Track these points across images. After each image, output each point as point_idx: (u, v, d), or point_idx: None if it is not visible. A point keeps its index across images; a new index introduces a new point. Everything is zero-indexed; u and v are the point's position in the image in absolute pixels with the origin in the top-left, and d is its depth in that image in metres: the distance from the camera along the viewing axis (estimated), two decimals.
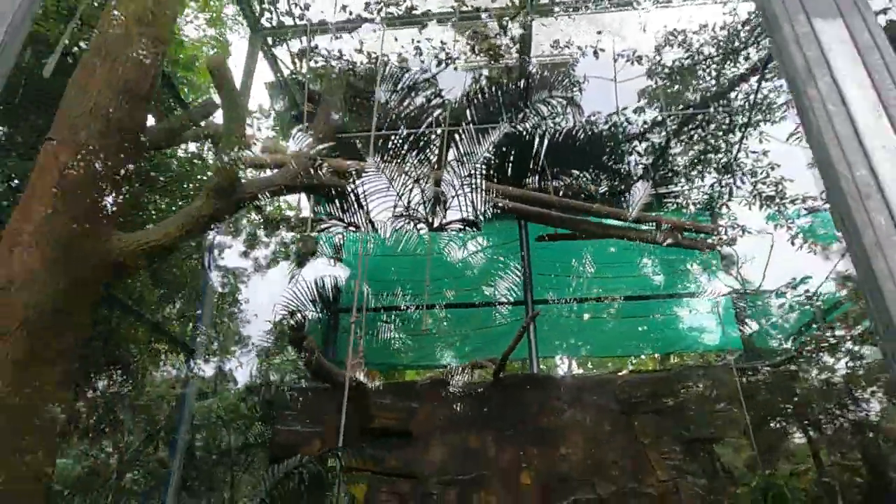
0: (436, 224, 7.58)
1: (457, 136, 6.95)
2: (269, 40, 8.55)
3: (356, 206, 7.16)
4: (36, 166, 4.06)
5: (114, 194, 4.21)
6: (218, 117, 6.06)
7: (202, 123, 6.37)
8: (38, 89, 5.74)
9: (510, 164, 7.26)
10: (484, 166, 6.93)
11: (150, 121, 5.96)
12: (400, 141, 7.76)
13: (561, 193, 6.90)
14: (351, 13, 7.87)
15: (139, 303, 6.81)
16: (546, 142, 7.09)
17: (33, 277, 3.65)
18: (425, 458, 7.57)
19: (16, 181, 6.19)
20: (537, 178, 7.28)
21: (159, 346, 7.17)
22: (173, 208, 7.10)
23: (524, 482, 7.29)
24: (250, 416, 8.35)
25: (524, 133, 7.15)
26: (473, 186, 6.73)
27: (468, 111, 7.23)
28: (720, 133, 8.48)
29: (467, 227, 7.15)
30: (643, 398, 7.60)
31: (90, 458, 7.71)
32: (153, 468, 6.68)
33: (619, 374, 8.37)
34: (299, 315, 5.92)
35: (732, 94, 8.31)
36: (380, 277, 9.55)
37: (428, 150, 7.44)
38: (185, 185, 7.51)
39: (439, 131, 7.23)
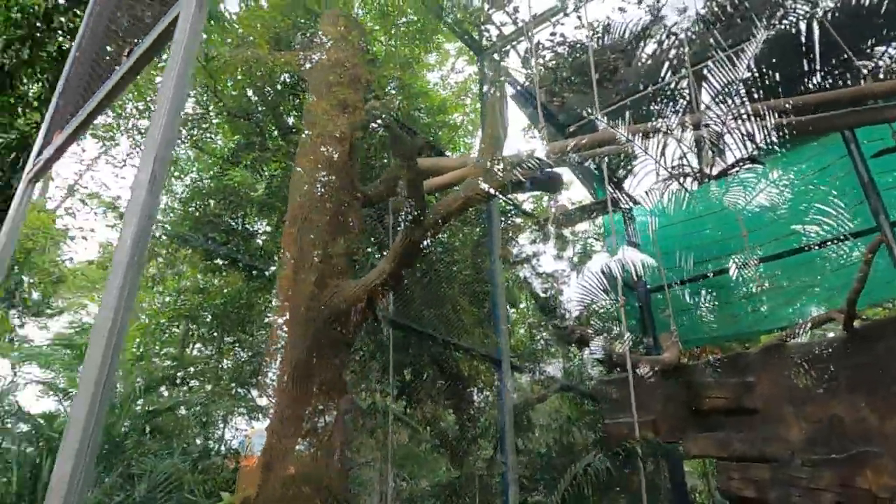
0: (714, 172, 6.65)
1: (705, 71, 6.02)
2: (496, 56, 8.92)
3: (613, 181, 6.78)
4: (281, 248, 5.17)
5: (340, 250, 5.05)
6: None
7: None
8: None
9: (777, 77, 5.92)
10: (744, 89, 5.81)
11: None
12: (648, 99, 7.12)
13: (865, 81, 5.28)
14: None
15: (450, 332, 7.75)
16: (820, 26, 5.57)
17: (293, 338, 4.69)
18: (780, 436, 6.51)
19: None
20: (818, 77, 5.75)
21: (475, 363, 7.95)
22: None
23: None
24: (578, 414, 8.52)
25: (789, 28, 5.77)
26: (742, 116, 5.70)
27: (710, 39, 6.20)
28: None
29: (750, 165, 6.06)
30: None
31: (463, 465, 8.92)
32: (496, 471, 7.35)
33: None
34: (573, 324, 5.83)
35: None
36: (675, 248, 8.81)
37: (678, 98, 6.62)
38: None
39: (683, 72, 6.37)
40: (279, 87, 9.90)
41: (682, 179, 6.36)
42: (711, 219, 7.86)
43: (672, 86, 6.61)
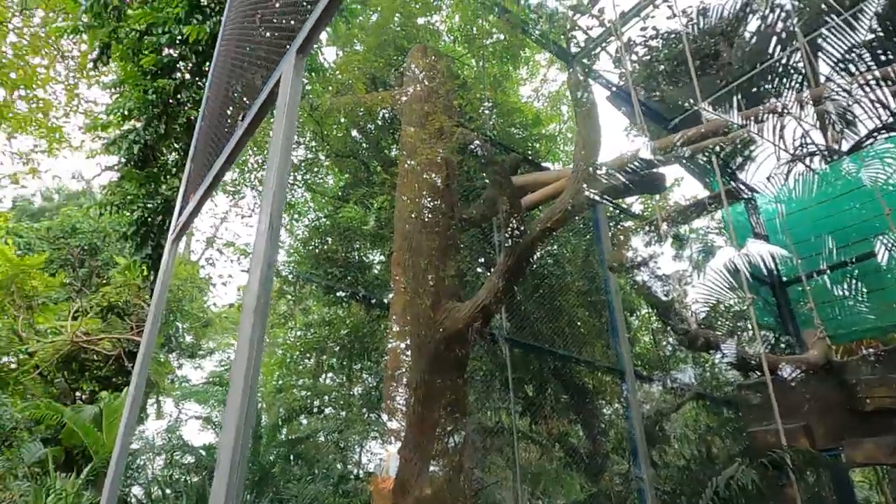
0: (845, 148, 6.04)
1: (819, 40, 5.51)
2: (586, 60, 8.76)
3: (728, 171, 6.36)
4: (393, 275, 5.35)
5: (450, 271, 5.16)
6: None
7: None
8: None
9: None
10: (868, 53, 5.22)
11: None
12: (758, 80, 6.64)
13: None
14: None
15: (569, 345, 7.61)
16: None
17: (413, 361, 4.85)
18: None
19: None
20: None
21: (598, 375, 7.72)
22: None
23: None
24: (717, 423, 7.95)
25: None
26: (870, 82, 5.15)
27: (822, 4, 5.67)
28: None
29: (887, 134, 5.42)
30: None
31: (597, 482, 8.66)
32: (633, 486, 7.02)
33: None
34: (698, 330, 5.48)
35: None
36: (810, 234, 8.02)
37: (792, 73, 6.10)
38: None
39: (795, 44, 5.87)
40: (378, 122, 10.42)
41: (807, 160, 5.82)
42: (849, 199, 7.08)
43: (784, 61, 6.11)
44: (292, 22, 2.96)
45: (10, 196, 21.42)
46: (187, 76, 6.70)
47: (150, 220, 6.52)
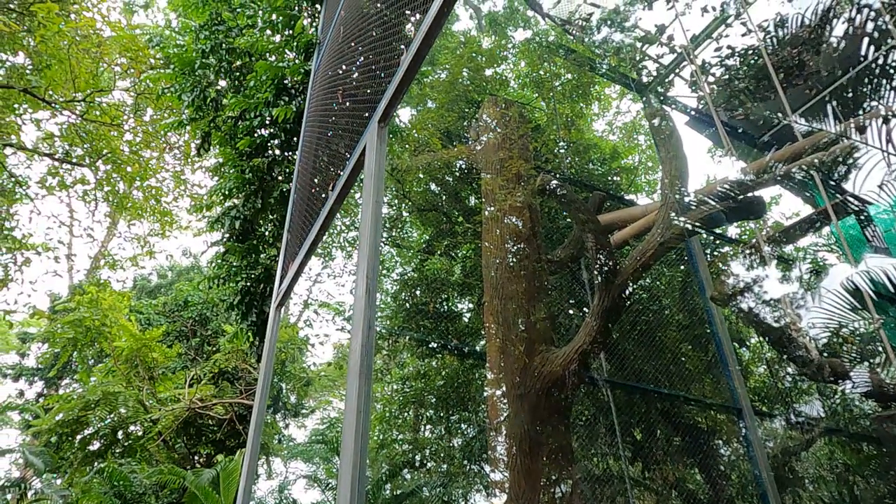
0: None
1: None
2: (660, 88, 8.60)
3: (832, 183, 5.91)
4: (485, 323, 5.33)
5: (541, 315, 5.08)
6: None
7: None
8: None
9: None
10: None
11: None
12: (852, 84, 6.21)
13: None
14: (713, 8, 7.26)
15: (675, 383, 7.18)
16: None
17: (512, 410, 4.75)
18: None
19: None
20: None
21: (712, 413, 7.20)
22: None
23: None
24: (857, 460, 7.11)
25: None
26: None
27: None
28: None
29: None
30: None
31: None
32: None
33: None
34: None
35: None
36: None
37: (892, 73, 5.66)
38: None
39: (892, 42, 5.48)
40: (457, 174, 10.68)
41: None
42: None
43: (880, 62, 5.70)
44: (368, 91, 3.15)
45: (132, 276, 23.61)
46: (277, 152, 7.24)
47: (252, 289, 6.95)
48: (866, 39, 5.82)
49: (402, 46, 2.78)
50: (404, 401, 12.05)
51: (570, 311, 8.61)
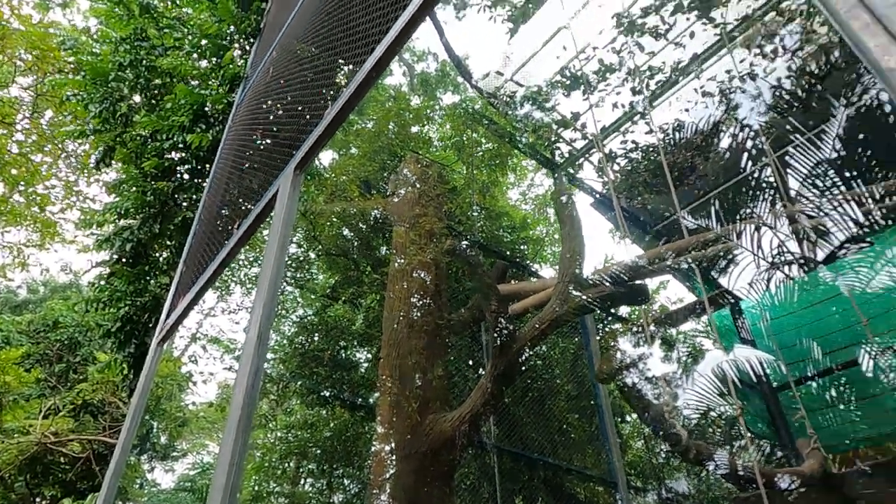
0: (819, 258, 6.24)
1: (787, 158, 5.88)
2: (570, 170, 9.22)
3: (712, 276, 6.51)
4: (380, 375, 5.37)
5: (438, 372, 5.17)
6: None
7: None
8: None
9: (870, 152, 5.64)
10: (833, 170, 5.57)
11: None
12: (733, 192, 6.98)
13: None
14: (623, 105, 7.98)
15: (559, 453, 7.35)
16: None
17: (399, 467, 4.77)
18: None
19: None
20: None
21: (591, 485, 7.43)
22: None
23: None
24: None
25: (872, 104, 5.58)
26: (838, 197, 5.43)
27: (787, 125, 6.12)
28: None
29: (858, 246, 5.65)
30: None
31: None
32: None
33: None
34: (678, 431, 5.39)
35: None
36: (795, 340, 8.08)
37: (765, 187, 6.44)
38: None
39: (766, 160, 6.25)
40: (371, 223, 10.70)
41: (785, 268, 6.00)
42: (830, 305, 7.24)
43: (756, 175, 6.48)
44: (289, 135, 3.14)
45: None
46: (186, 177, 6.94)
47: (136, 317, 6.46)
48: (745, 154, 6.63)
49: (331, 95, 2.82)
50: (287, 450, 11.44)
51: (468, 374, 8.69)
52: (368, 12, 2.63)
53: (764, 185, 6.42)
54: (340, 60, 3.16)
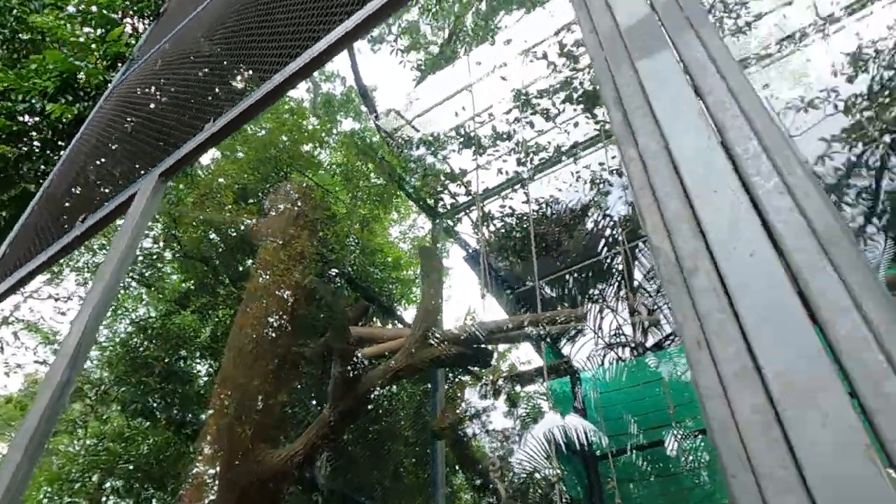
0: (649, 344, 6.96)
1: (636, 251, 6.59)
2: (450, 222, 9.56)
3: (557, 347, 7.00)
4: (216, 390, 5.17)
5: (275, 401, 5.08)
6: None
7: None
8: None
9: None
10: None
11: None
12: (587, 271, 7.63)
13: None
14: (507, 172, 8.50)
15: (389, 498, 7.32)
16: None
17: (219, 495, 4.61)
18: None
19: None
20: None
21: None
22: None
23: None
24: None
25: None
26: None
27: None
28: None
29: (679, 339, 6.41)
30: None
31: None
32: None
33: None
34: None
35: None
36: (618, 415, 8.86)
37: (614, 273, 7.13)
38: None
39: (618, 249, 6.95)
40: (240, 232, 10.20)
41: (618, 349, 6.62)
42: (653, 387, 8.07)
43: (608, 261, 7.16)
44: (163, 134, 2.98)
45: None
46: (37, 147, 6.23)
47: None
48: (603, 240, 7.34)
49: (217, 108, 2.73)
50: (93, 462, 10.25)
51: (310, 406, 8.45)
52: (289, 27, 2.59)
53: (614, 271, 7.11)
54: (242, 65, 3.08)
